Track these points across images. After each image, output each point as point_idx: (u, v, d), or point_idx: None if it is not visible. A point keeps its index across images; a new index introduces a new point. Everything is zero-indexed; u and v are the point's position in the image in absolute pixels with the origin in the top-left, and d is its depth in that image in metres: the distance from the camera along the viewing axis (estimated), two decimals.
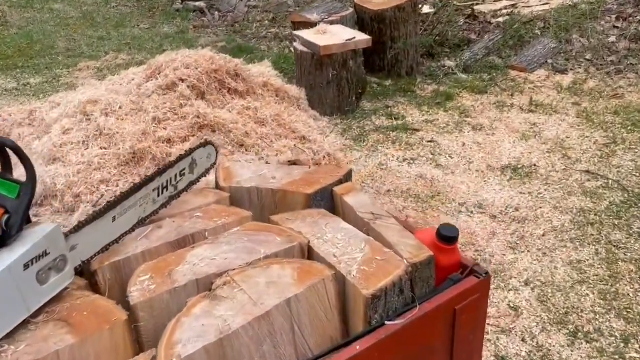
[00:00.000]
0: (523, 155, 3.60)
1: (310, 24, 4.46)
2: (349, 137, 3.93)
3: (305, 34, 4.19)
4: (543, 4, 6.16)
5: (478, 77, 4.87)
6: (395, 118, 4.18)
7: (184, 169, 1.65)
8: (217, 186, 1.80)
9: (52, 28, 6.74)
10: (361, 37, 4.08)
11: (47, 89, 4.91)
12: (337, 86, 4.13)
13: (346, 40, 4.02)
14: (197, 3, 7.54)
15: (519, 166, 3.48)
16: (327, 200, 1.75)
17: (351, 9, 4.69)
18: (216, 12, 7.37)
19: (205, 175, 1.79)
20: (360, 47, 4.13)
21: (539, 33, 5.38)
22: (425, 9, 6.15)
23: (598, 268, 2.61)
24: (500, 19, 5.68)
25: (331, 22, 4.48)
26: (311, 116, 4.17)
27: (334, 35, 4.15)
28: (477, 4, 6.23)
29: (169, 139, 3.39)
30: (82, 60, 5.65)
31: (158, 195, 1.53)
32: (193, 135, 3.39)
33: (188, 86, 3.49)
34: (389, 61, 4.85)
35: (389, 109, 4.34)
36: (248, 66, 4.30)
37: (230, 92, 3.78)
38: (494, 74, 4.90)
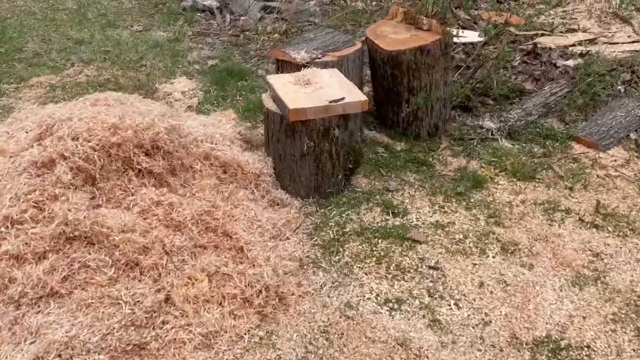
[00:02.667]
0: (572, 320, 2.29)
1: (293, 66, 3.25)
2: (319, 243, 2.73)
3: (279, 83, 2.98)
4: (633, 42, 4.65)
5: (527, 149, 3.52)
6: (393, 213, 2.94)
7: None
8: None
9: (34, 24, 5.82)
10: (353, 99, 2.83)
11: None
12: (314, 161, 2.93)
13: (330, 102, 2.79)
14: (207, 2, 6.43)
15: (562, 344, 2.18)
16: None
17: (357, 46, 3.43)
18: (228, 15, 6.24)
19: None
20: (350, 112, 2.89)
21: (622, 90, 3.93)
22: (473, 36, 4.78)
23: None
24: (571, 62, 4.25)
25: (325, 65, 3.25)
26: (272, 201, 2.93)
27: (319, 89, 2.93)
28: (542, 34, 4.79)
29: (18, 256, 2.31)
30: (43, 71, 4.68)
31: None
32: (58, 251, 2.28)
33: (72, 168, 2.38)
34: (405, 117, 3.58)
35: (390, 194, 3.09)
36: (192, 124, 3.14)
37: (140, 175, 2.64)
38: (551, 148, 3.52)
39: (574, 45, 4.60)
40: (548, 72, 4.20)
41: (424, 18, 3.45)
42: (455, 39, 4.34)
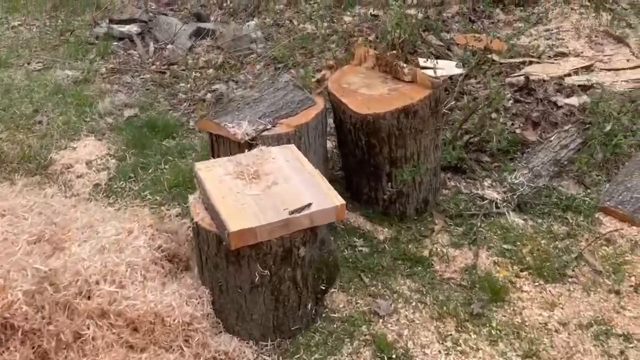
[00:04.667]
0: None
1: (233, 143, 2.30)
2: None
3: (212, 178, 2.02)
4: (635, 67, 3.96)
5: (545, 227, 2.71)
6: (390, 359, 2.05)
7: None
8: None
9: None
10: (325, 205, 1.91)
11: None
12: (272, 294, 2.00)
13: (291, 212, 1.86)
14: (126, 28, 5.35)
15: None
16: None
17: (319, 107, 2.51)
18: (151, 44, 5.19)
19: None
20: (322, 224, 1.97)
21: None
22: (450, 67, 3.97)
23: None
24: (575, 101, 3.49)
25: (278, 138, 2.31)
26: (213, 359, 1.88)
27: (273, 186, 2.00)
28: (530, 62, 4.03)
29: None
30: None
31: None
32: None
33: None
34: (388, 197, 2.70)
35: (381, 321, 2.19)
36: (82, 252, 1.72)
37: None
38: (574, 225, 2.73)
39: (569, 74, 3.86)
40: (549, 114, 3.42)
41: (405, 65, 2.57)
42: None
